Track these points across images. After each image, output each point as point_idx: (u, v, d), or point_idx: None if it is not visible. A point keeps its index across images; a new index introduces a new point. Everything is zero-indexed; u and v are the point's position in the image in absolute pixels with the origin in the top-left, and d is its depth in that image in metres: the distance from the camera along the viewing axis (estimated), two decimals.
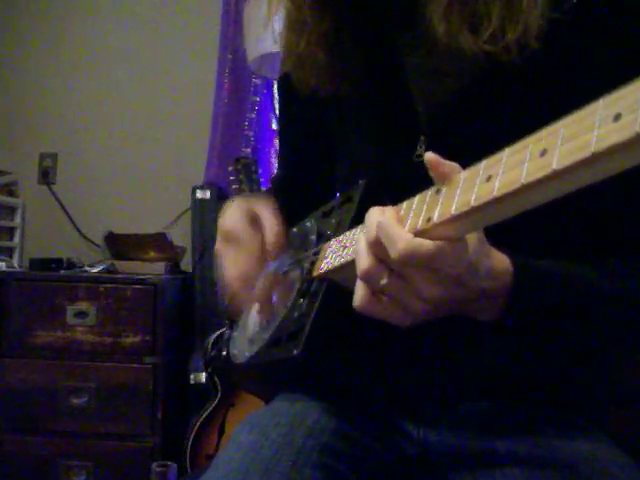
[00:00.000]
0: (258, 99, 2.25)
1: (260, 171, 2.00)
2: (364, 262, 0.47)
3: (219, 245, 0.72)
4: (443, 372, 0.62)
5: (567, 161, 0.32)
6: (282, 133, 0.93)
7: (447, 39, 0.58)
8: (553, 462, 0.55)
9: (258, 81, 2.23)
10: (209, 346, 1.85)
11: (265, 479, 0.53)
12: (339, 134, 0.75)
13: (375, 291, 0.48)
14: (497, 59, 0.56)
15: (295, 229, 0.74)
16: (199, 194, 2.12)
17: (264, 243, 0.69)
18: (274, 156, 2.27)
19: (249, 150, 2.24)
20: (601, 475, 0.54)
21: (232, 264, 0.70)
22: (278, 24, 0.72)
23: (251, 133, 2.25)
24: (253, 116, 2.25)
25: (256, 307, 0.72)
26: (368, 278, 0.47)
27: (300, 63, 0.70)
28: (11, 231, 2.34)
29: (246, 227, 0.70)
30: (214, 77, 2.28)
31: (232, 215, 0.72)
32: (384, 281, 0.46)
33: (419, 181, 0.46)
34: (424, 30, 0.60)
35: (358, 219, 0.56)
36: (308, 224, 0.71)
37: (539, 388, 0.62)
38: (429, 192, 0.45)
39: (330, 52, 0.67)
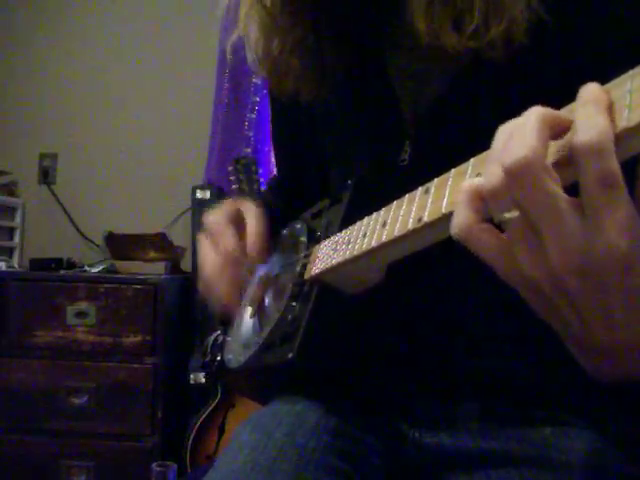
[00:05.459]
0: (258, 99, 2.25)
1: (260, 171, 2.00)
2: (493, 172, 0.34)
3: (201, 235, 0.73)
4: (439, 373, 0.62)
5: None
6: (273, 136, 0.91)
7: (429, 38, 0.55)
8: (549, 462, 0.55)
9: (258, 81, 2.23)
10: (208, 348, 1.85)
11: (269, 479, 0.54)
12: (328, 137, 0.74)
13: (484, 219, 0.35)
14: (483, 56, 0.54)
15: (285, 231, 0.74)
16: (199, 194, 2.12)
17: (244, 244, 0.68)
18: (274, 156, 2.26)
19: (249, 150, 2.24)
20: (597, 474, 0.54)
21: (207, 258, 0.70)
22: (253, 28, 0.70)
23: (251, 133, 2.25)
24: (253, 116, 2.25)
25: (249, 311, 0.72)
26: (492, 199, 0.34)
27: (274, 68, 0.69)
28: (11, 231, 2.34)
29: (227, 225, 0.70)
30: (214, 77, 2.28)
31: (217, 212, 0.72)
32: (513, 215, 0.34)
33: (405, 187, 0.45)
34: (407, 30, 0.58)
35: (347, 220, 0.56)
36: (298, 226, 0.70)
37: (535, 389, 0.62)
38: None
39: (305, 58, 0.66)
